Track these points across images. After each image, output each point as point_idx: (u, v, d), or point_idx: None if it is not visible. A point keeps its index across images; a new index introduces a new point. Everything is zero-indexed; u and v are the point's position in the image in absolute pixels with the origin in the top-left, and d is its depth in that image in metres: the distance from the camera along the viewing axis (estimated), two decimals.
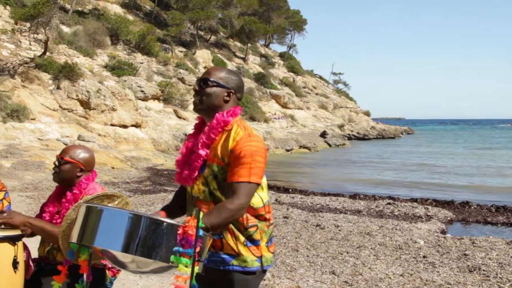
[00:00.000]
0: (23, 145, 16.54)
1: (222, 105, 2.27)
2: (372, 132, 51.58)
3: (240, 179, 2.13)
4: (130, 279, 4.99)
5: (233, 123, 2.25)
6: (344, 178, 19.07)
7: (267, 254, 2.29)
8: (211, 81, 2.26)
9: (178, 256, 1.86)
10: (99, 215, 1.99)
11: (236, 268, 2.20)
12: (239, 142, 2.16)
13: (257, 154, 2.16)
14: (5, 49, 23.22)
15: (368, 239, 7.41)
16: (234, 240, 2.21)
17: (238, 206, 2.09)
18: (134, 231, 1.89)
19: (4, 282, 2.50)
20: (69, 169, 2.91)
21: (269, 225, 2.31)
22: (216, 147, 2.22)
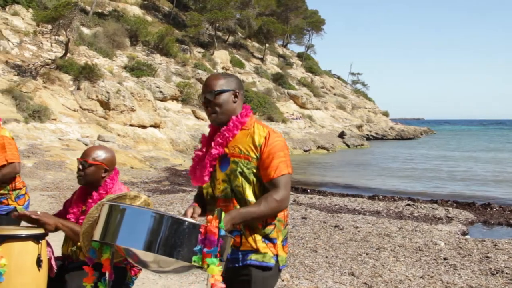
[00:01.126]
0: (44, 145, 16.79)
1: (234, 107, 2.37)
2: (391, 132, 51.12)
3: (282, 172, 2.25)
4: (150, 278, 5.03)
5: (250, 122, 2.37)
6: (362, 178, 18.94)
7: (282, 253, 2.34)
8: (217, 91, 2.33)
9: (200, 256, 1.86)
10: (122, 214, 2.01)
11: (254, 262, 2.24)
12: (267, 138, 2.28)
13: (285, 148, 2.31)
14: (28, 50, 23.61)
15: (387, 240, 7.35)
16: (253, 237, 2.26)
17: (284, 197, 2.22)
18: (156, 230, 1.91)
19: (28, 279, 2.54)
20: (94, 171, 2.95)
21: (285, 225, 2.36)
22: (238, 145, 2.30)
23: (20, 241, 2.55)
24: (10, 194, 3.99)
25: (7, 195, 3.98)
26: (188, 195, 11.69)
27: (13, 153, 3.92)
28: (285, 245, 2.36)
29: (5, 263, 2.46)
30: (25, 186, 4.17)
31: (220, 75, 2.42)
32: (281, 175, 2.24)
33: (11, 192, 4.00)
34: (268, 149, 2.26)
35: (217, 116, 2.35)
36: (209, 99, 2.33)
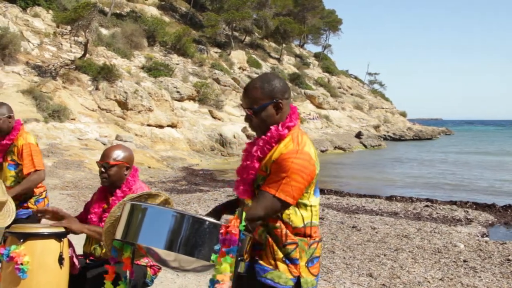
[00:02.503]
0: (63, 144, 17.00)
1: (277, 119, 2.18)
2: (409, 133, 50.62)
3: (267, 189, 2.06)
4: (168, 278, 5.06)
5: (288, 135, 2.17)
6: (380, 179, 18.80)
7: (308, 275, 2.16)
8: (256, 109, 2.16)
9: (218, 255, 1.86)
10: (144, 213, 2.03)
11: (268, 282, 2.11)
12: (283, 155, 2.08)
13: (297, 172, 2.05)
14: (48, 51, 23.93)
15: (405, 241, 7.28)
16: (273, 254, 2.13)
17: (251, 216, 2.01)
18: (177, 229, 1.92)
19: (50, 277, 2.58)
20: (116, 171, 2.99)
21: (310, 244, 2.18)
22: (266, 159, 2.15)
23: (42, 239, 2.60)
24: (33, 193, 4.05)
25: (27, 200, 4.03)
26: (205, 195, 11.73)
27: (39, 160, 3.98)
28: (312, 266, 2.18)
29: (28, 260, 2.50)
30: (45, 190, 4.22)
31: (258, 85, 2.18)
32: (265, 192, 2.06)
33: (32, 197, 4.05)
34: (276, 166, 2.08)
35: (260, 132, 2.20)
36: (251, 117, 2.19)
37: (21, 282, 2.51)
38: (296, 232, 2.15)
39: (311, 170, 2.10)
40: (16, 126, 4.01)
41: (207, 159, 22.06)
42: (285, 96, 2.20)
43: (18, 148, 3.94)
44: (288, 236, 2.13)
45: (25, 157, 3.90)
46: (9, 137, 3.99)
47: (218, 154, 23.60)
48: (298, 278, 2.13)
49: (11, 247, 2.52)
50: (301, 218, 2.15)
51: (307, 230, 2.17)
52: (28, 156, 3.90)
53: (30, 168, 3.90)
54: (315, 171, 2.15)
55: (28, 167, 3.90)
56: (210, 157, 22.68)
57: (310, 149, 2.14)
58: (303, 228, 2.16)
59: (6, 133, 4.00)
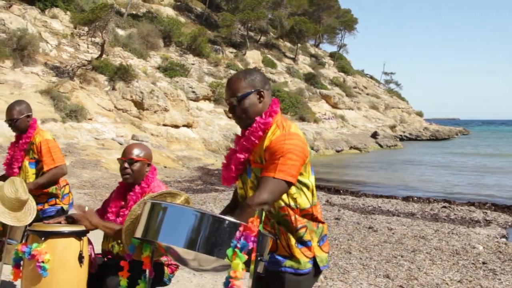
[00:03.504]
0: (80, 144, 17.17)
1: (261, 108, 2.27)
2: (425, 133, 50.15)
3: (265, 174, 2.12)
4: (184, 277, 5.08)
5: (273, 122, 2.24)
6: (396, 180, 18.66)
7: (321, 254, 2.27)
8: (239, 97, 2.24)
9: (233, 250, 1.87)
10: (164, 212, 2.04)
11: (288, 269, 2.20)
12: (273, 141, 2.15)
13: (291, 151, 2.12)
14: (65, 52, 24.20)
15: (423, 243, 7.22)
16: (286, 241, 2.21)
17: (258, 202, 2.05)
18: (197, 229, 1.93)
19: (71, 275, 2.61)
20: (140, 167, 3.02)
21: (318, 224, 2.28)
22: (257, 151, 2.22)
23: (63, 237, 2.63)
24: (57, 194, 4.10)
25: (54, 197, 4.09)
26: (221, 194, 11.76)
27: (58, 155, 4.03)
28: (323, 244, 2.29)
29: (49, 258, 2.53)
30: (68, 185, 4.28)
31: (240, 76, 2.30)
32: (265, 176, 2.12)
33: (59, 192, 4.11)
34: (269, 152, 2.14)
35: (243, 121, 2.28)
36: (234, 104, 2.27)
37: (42, 280, 2.54)
38: (303, 213, 2.23)
39: (303, 148, 2.17)
40: (32, 125, 4.08)
41: (222, 159, 21.99)
42: (266, 87, 2.30)
43: (36, 146, 4.01)
44: (297, 220, 2.21)
45: (44, 154, 3.97)
46: (27, 135, 4.06)
47: None
48: (314, 259, 2.23)
49: (32, 245, 2.56)
50: (306, 199, 2.25)
51: (314, 210, 2.26)
52: (48, 153, 3.97)
53: (50, 164, 3.96)
54: (307, 148, 2.23)
55: (48, 164, 3.97)
56: None
57: (297, 130, 2.22)
58: (310, 208, 2.25)
59: (24, 131, 4.07)
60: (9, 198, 3.16)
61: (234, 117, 2.31)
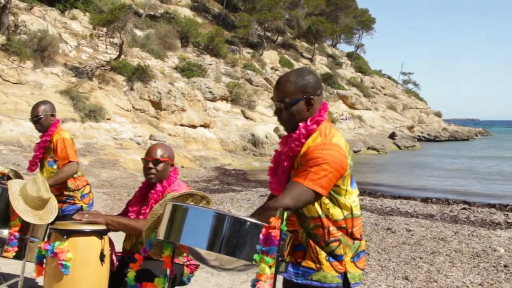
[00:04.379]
0: (99, 144, 17.35)
1: (307, 115, 2.17)
2: (444, 133, 49.60)
3: (295, 179, 2.05)
4: (202, 276, 5.09)
5: (316, 130, 2.16)
6: (414, 180, 18.48)
7: (355, 270, 2.15)
8: (287, 103, 2.15)
9: (260, 255, 1.86)
10: (185, 213, 2.05)
11: (314, 283, 2.11)
12: (311, 148, 2.08)
13: (326, 162, 2.02)
14: (84, 53, 24.47)
15: (442, 245, 7.13)
16: (315, 254, 2.12)
17: (279, 205, 1.96)
18: (218, 230, 1.93)
19: (92, 273, 2.64)
20: (164, 167, 3.05)
21: (354, 240, 2.18)
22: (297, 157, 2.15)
23: (84, 236, 2.66)
24: (75, 194, 4.15)
25: (73, 196, 4.14)
26: (238, 194, 11.78)
27: (72, 153, 4.07)
28: (358, 261, 2.17)
29: (71, 257, 2.56)
30: (88, 185, 4.32)
31: (292, 78, 2.17)
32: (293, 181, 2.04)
33: (76, 192, 4.15)
34: (304, 159, 2.07)
35: (288, 126, 2.21)
36: (281, 112, 2.18)
37: (64, 277, 2.57)
38: (338, 225, 2.14)
39: (341, 160, 2.07)
40: (54, 124, 4.15)
41: (239, 159, 22.14)
42: (317, 93, 2.19)
43: (53, 144, 4.08)
44: (330, 233, 2.12)
45: (59, 152, 4.03)
46: (48, 133, 4.14)
47: (250, 154, 23.66)
48: (345, 274, 2.12)
49: (55, 243, 2.59)
50: (340, 211, 2.15)
51: (348, 223, 2.15)
52: (62, 150, 4.03)
53: (64, 160, 4.02)
54: (347, 161, 2.11)
55: (62, 160, 4.03)
56: (242, 157, 22.75)
57: (339, 141, 2.12)
58: (344, 220, 2.15)
59: (46, 130, 4.14)
60: (31, 197, 3.21)
61: (279, 120, 2.22)
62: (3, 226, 3.27)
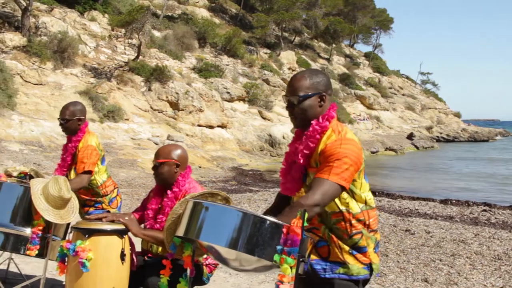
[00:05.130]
0: (117, 144, 17.52)
1: (319, 112, 2.25)
2: (463, 134, 49.01)
3: (319, 176, 2.10)
4: (221, 276, 5.10)
5: (329, 127, 2.22)
6: (433, 182, 18.29)
7: (377, 260, 2.25)
8: (301, 97, 2.22)
9: (281, 255, 1.86)
10: (206, 211, 2.06)
11: (342, 276, 2.17)
12: (328, 145, 2.14)
13: (346, 156, 2.10)
14: (103, 54, 24.74)
15: (462, 247, 7.03)
16: (339, 249, 2.18)
17: (311, 203, 2.03)
18: (239, 228, 1.93)
19: (113, 272, 2.66)
20: (166, 169, 3.03)
21: (372, 231, 2.26)
22: (313, 155, 2.21)
23: (106, 235, 2.69)
24: (104, 199, 4.13)
25: (101, 201, 4.12)
26: (255, 195, 11.78)
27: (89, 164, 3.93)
28: (378, 251, 2.28)
29: (92, 256, 2.59)
30: (116, 188, 4.30)
31: (306, 75, 2.27)
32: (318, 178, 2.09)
33: (105, 198, 4.13)
34: (323, 156, 2.13)
35: (299, 121, 2.27)
36: (293, 103, 2.25)
37: (85, 276, 2.60)
38: (357, 218, 2.21)
39: (358, 154, 2.15)
40: (82, 129, 4.06)
41: (256, 159, 22.15)
42: (328, 92, 2.27)
43: (78, 151, 4.01)
44: (353, 226, 2.19)
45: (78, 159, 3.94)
46: (76, 138, 4.04)
47: (267, 155, 23.66)
48: (370, 265, 2.20)
49: (77, 242, 2.62)
50: (357, 204, 2.21)
51: (366, 216, 2.22)
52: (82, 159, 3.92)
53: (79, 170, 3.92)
54: (362, 155, 2.21)
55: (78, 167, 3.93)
56: (259, 157, 22.76)
57: (353, 136, 2.21)
58: (361, 213, 2.22)
59: (73, 133, 4.05)
60: (53, 196, 3.25)
61: (291, 115, 2.29)
62: (26, 224, 3.32)
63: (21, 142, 14.47)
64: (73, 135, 4.07)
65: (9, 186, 3.45)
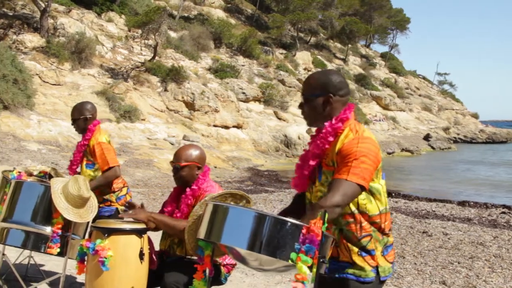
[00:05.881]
0: (134, 144, 17.64)
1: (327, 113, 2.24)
2: (481, 135, 48.38)
3: (338, 176, 2.09)
4: (237, 277, 5.11)
5: (345, 127, 2.22)
6: (450, 183, 18.08)
7: (385, 263, 2.22)
8: (307, 97, 2.26)
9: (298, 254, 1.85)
10: (226, 213, 2.06)
11: (350, 277, 2.17)
12: (346, 144, 2.13)
13: (364, 155, 2.09)
14: (120, 54, 24.94)
15: (481, 249, 6.95)
16: (347, 250, 2.19)
17: (331, 204, 2.02)
18: (259, 230, 1.93)
19: (132, 271, 2.68)
20: (188, 172, 3.05)
21: (383, 234, 2.24)
22: (329, 154, 2.20)
23: (125, 234, 2.71)
24: (111, 197, 4.18)
25: (109, 198, 4.17)
26: (271, 195, 11.78)
27: (112, 157, 4.07)
28: (387, 254, 2.24)
29: (112, 254, 2.61)
30: (126, 187, 4.35)
31: (317, 75, 2.30)
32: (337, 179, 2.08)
33: (112, 194, 4.18)
34: (341, 155, 2.12)
35: (308, 120, 2.31)
36: (302, 102, 2.30)
37: (104, 274, 2.63)
38: (372, 220, 2.19)
39: (376, 153, 2.15)
40: (91, 127, 4.16)
41: (271, 159, 22.14)
42: (339, 93, 2.24)
43: (90, 148, 4.10)
44: (363, 229, 2.17)
45: (98, 157, 4.04)
46: (85, 137, 4.17)
47: (283, 155, 23.63)
48: (377, 268, 2.19)
49: (96, 241, 2.65)
50: (376, 206, 2.20)
51: (382, 218, 2.21)
52: (101, 155, 4.03)
53: (104, 166, 4.03)
54: (380, 154, 2.21)
55: (102, 165, 4.03)
56: (274, 158, 22.74)
57: (370, 135, 2.20)
58: (379, 215, 2.20)
59: (83, 132, 4.19)
60: (72, 195, 3.29)
61: (302, 113, 2.32)
62: (46, 223, 3.36)
63: (39, 142, 14.66)
64: (84, 133, 4.19)
65: (30, 185, 3.50)
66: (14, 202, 3.40)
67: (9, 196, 3.44)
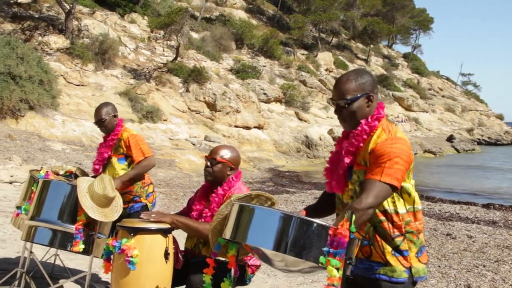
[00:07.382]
0: (156, 144, 17.79)
1: (367, 112, 2.25)
2: (506, 137, 47.50)
3: (371, 177, 2.09)
4: (259, 277, 5.11)
5: (378, 127, 2.22)
6: (474, 185, 17.79)
7: (418, 265, 2.21)
8: (349, 100, 2.22)
9: (327, 257, 1.85)
10: (252, 214, 2.06)
11: (382, 277, 2.16)
12: (379, 144, 2.13)
13: (397, 155, 2.09)
14: (142, 55, 25.19)
15: (507, 253, 6.82)
16: (381, 249, 2.18)
17: (365, 206, 2.03)
18: (285, 231, 1.93)
19: (157, 270, 2.71)
20: (220, 169, 3.06)
21: (417, 234, 2.22)
22: (361, 153, 2.21)
23: (150, 234, 2.74)
24: (141, 193, 4.23)
25: (140, 195, 4.22)
26: (292, 196, 11.76)
27: (146, 148, 4.16)
28: (420, 256, 2.23)
29: (138, 253, 2.64)
30: (152, 184, 4.41)
31: (351, 77, 2.27)
32: (370, 179, 2.08)
33: (142, 190, 4.24)
34: (374, 155, 2.12)
35: (348, 124, 2.28)
36: (341, 106, 2.25)
37: (130, 273, 2.66)
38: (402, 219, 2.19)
39: (409, 153, 2.15)
40: (119, 123, 4.25)
41: (292, 160, 22.10)
42: (374, 91, 2.29)
43: (124, 141, 4.14)
44: (396, 228, 2.18)
45: (133, 148, 4.09)
46: (114, 133, 4.22)
47: (304, 156, 23.56)
48: (410, 269, 2.17)
49: (122, 240, 2.68)
50: (405, 204, 2.20)
51: (411, 216, 2.21)
52: (136, 146, 4.10)
53: (140, 156, 4.08)
54: (412, 154, 2.21)
55: (137, 156, 4.09)
56: (296, 158, 22.69)
57: (403, 135, 2.20)
58: (407, 214, 2.20)
59: (111, 131, 4.24)
60: (97, 195, 3.33)
61: (340, 118, 2.30)
62: (73, 222, 3.40)
63: (63, 142, 14.90)
64: (111, 132, 4.25)
65: (57, 184, 3.55)
66: (42, 201, 3.45)
67: (36, 194, 3.50)
